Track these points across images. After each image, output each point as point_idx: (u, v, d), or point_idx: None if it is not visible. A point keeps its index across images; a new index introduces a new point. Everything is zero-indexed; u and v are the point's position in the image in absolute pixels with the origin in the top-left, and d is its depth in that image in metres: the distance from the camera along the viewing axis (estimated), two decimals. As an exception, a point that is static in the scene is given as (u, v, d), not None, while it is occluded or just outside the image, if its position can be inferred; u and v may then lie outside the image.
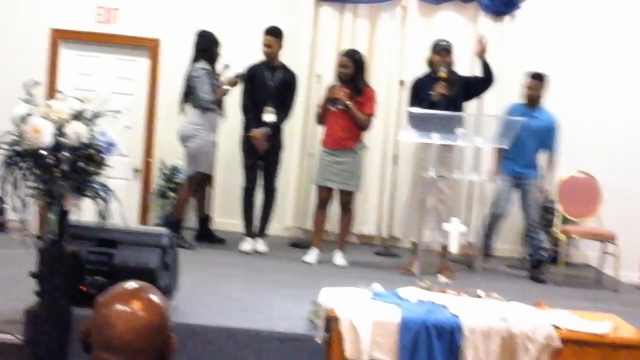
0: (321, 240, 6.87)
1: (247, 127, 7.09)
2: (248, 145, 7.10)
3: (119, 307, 1.85)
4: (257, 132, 6.99)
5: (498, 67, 8.04)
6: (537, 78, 7.14)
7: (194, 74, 7.07)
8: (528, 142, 7.00)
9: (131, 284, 1.94)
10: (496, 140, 6.37)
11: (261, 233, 7.22)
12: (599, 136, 7.72)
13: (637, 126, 8.13)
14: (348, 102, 6.67)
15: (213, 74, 7.18)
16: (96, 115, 4.44)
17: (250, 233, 7.17)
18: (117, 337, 1.82)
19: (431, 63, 6.75)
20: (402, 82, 7.85)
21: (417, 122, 6.15)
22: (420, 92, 6.65)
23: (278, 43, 7.12)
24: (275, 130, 7.10)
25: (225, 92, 7.14)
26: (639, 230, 8.00)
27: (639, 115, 8.17)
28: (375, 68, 8.10)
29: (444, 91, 6.46)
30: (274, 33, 7.11)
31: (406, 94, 7.72)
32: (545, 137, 7.08)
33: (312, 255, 6.78)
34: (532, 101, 7.16)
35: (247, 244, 7.09)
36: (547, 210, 7.51)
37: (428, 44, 8.05)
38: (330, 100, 6.74)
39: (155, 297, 1.91)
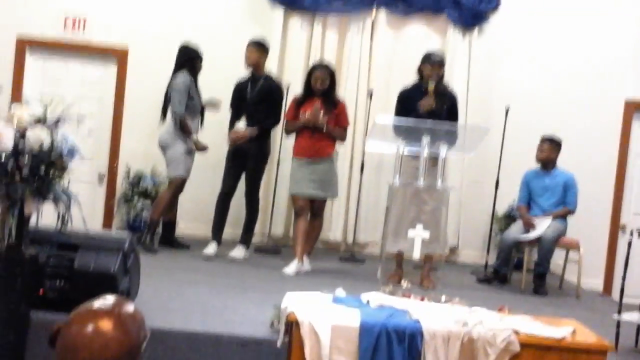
0: (304, 251, 6.74)
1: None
2: (230, 154, 7.17)
3: (89, 329, 1.82)
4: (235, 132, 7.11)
5: (466, 79, 8.19)
6: (550, 142, 7.18)
7: (173, 85, 7.11)
8: (546, 201, 7.13)
9: (106, 300, 1.91)
10: (462, 149, 6.43)
11: (242, 240, 7.17)
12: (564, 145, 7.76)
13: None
14: (328, 127, 6.68)
15: (194, 86, 7.20)
16: (58, 121, 4.44)
17: (215, 237, 7.13)
18: None
19: (421, 73, 6.62)
20: (370, 93, 7.91)
21: (401, 132, 6.17)
22: (407, 103, 6.54)
23: (259, 53, 7.16)
24: (257, 141, 7.07)
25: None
26: (602, 238, 8.16)
27: (592, 115, 8.31)
28: (344, 79, 8.14)
29: (431, 104, 6.40)
30: (255, 43, 7.19)
31: (373, 104, 7.83)
32: (562, 195, 7.14)
33: (292, 267, 6.59)
34: (546, 164, 7.21)
35: (210, 248, 7.04)
36: (512, 219, 7.59)
37: (397, 55, 8.25)
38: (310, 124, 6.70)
39: (128, 323, 1.87)
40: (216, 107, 7.38)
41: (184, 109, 7.07)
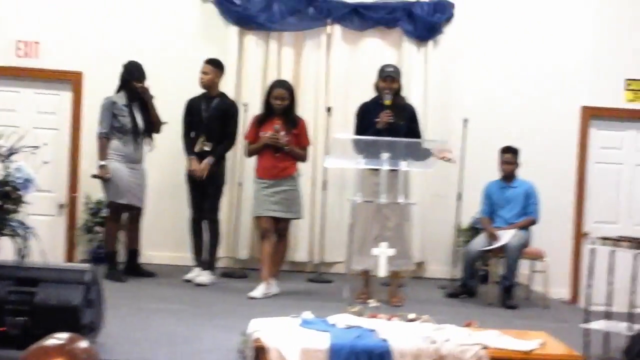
0: (271, 274, 6.65)
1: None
2: (189, 177, 7.14)
3: None
4: (193, 163, 7.05)
5: (423, 92, 8.21)
6: (512, 152, 7.24)
7: (101, 104, 7.09)
8: (508, 213, 7.16)
9: (59, 338, 1.83)
10: (423, 164, 6.42)
11: (207, 265, 7.11)
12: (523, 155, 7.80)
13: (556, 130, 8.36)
14: (289, 147, 6.64)
15: (121, 106, 7.05)
16: (12, 152, 4.34)
17: (198, 263, 7.14)
18: None
19: (377, 88, 6.65)
20: (328, 109, 7.88)
21: (361, 148, 6.16)
22: (365, 118, 6.56)
23: (215, 72, 7.16)
24: (213, 163, 7.03)
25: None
26: (566, 246, 8.22)
27: (557, 132, 8.38)
28: (302, 96, 8.09)
29: (389, 119, 6.39)
30: (212, 62, 7.19)
31: (332, 121, 7.80)
32: (524, 205, 7.18)
33: (259, 291, 6.50)
34: (508, 174, 7.26)
35: (192, 274, 7.05)
36: (477, 231, 7.60)
37: (354, 70, 8.23)
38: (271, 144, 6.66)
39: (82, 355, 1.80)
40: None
41: (101, 129, 7.04)
